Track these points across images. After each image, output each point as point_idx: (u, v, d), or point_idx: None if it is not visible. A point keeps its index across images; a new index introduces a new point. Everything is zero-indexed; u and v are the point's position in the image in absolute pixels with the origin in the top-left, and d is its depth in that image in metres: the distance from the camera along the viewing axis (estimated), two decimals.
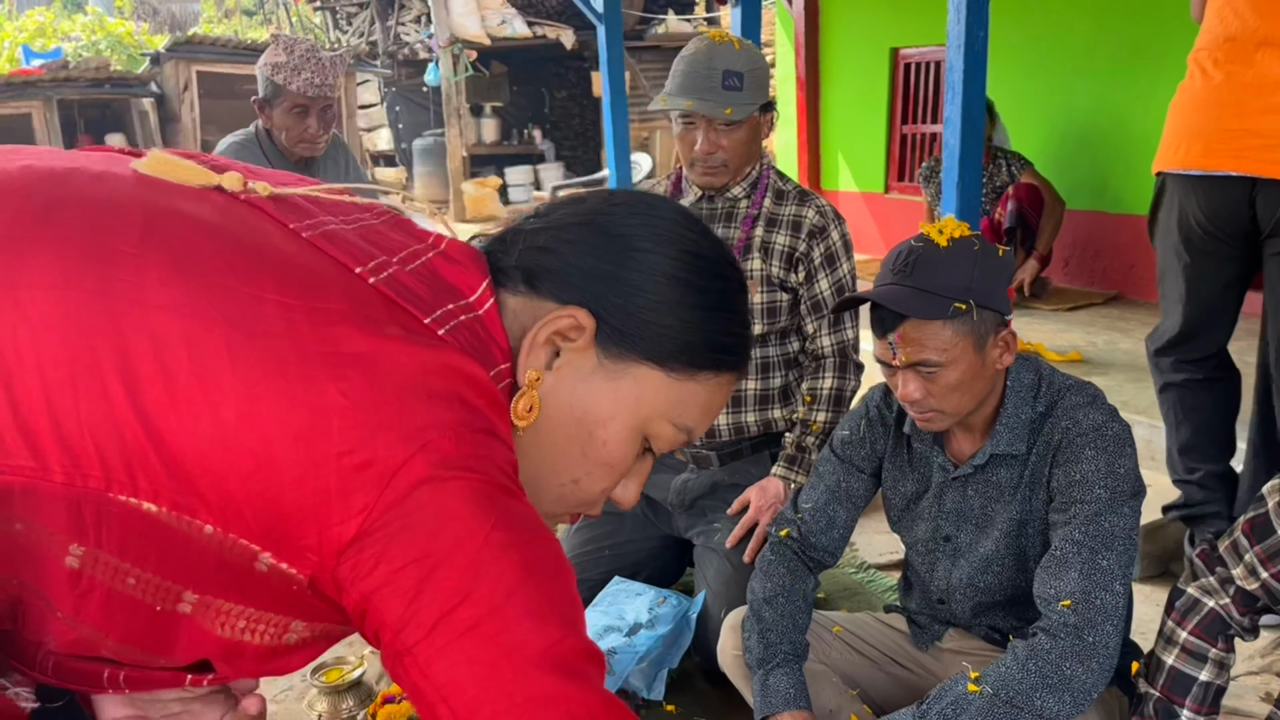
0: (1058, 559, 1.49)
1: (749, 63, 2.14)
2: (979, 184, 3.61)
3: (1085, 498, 1.50)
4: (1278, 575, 1.39)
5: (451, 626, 0.68)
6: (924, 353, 1.50)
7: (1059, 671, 1.43)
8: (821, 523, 1.80)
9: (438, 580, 0.68)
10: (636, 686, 1.98)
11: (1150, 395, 3.15)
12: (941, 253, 1.52)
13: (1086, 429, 1.53)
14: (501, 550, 0.70)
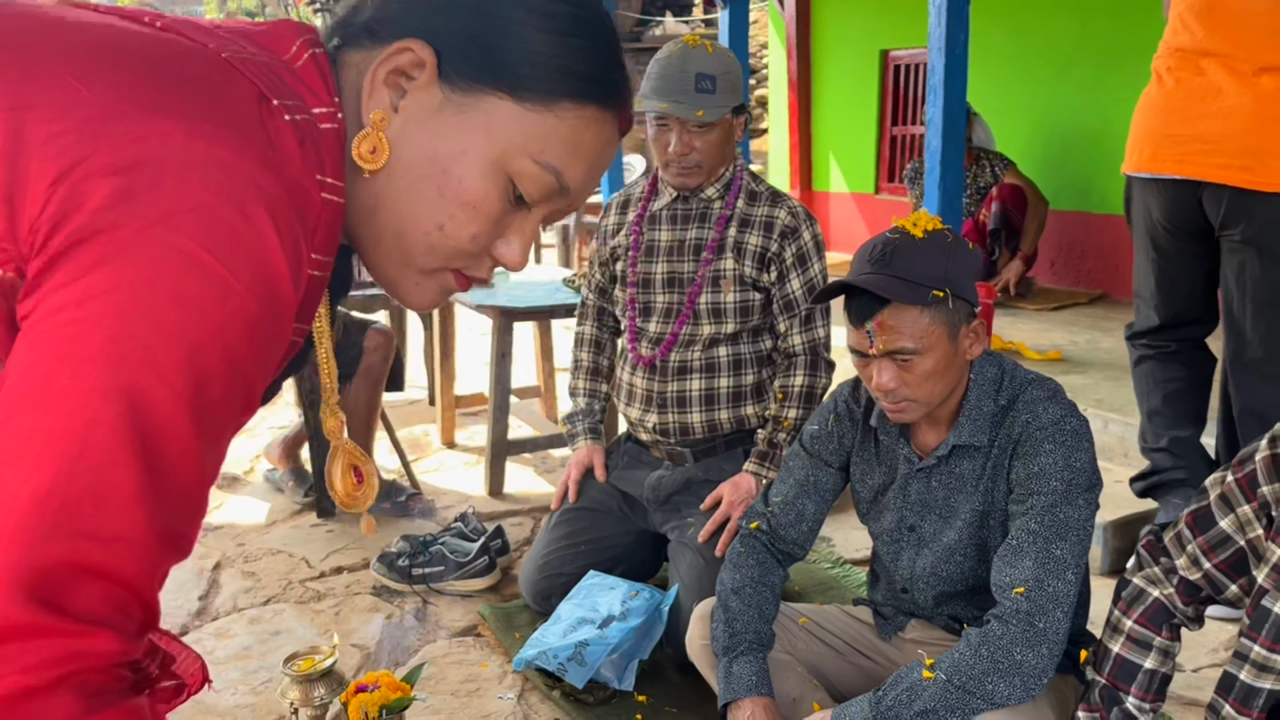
0: (1013, 548, 1.54)
1: (722, 66, 2.18)
2: (960, 184, 3.65)
3: (1042, 489, 1.55)
4: (1220, 566, 1.43)
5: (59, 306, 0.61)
6: (901, 340, 1.55)
7: (1009, 656, 1.47)
8: (791, 516, 1.85)
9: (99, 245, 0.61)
10: (607, 677, 2.02)
11: (1126, 394, 3.19)
12: (918, 243, 1.56)
13: (1046, 423, 1.58)
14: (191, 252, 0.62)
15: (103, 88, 0.64)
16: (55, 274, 0.61)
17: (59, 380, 0.60)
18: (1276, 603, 1.31)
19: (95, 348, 0.60)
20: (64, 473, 0.59)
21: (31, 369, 0.61)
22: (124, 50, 0.68)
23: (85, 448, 0.60)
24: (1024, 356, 3.69)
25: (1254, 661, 1.33)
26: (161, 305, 0.61)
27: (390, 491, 3.15)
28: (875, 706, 1.52)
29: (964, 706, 1.49)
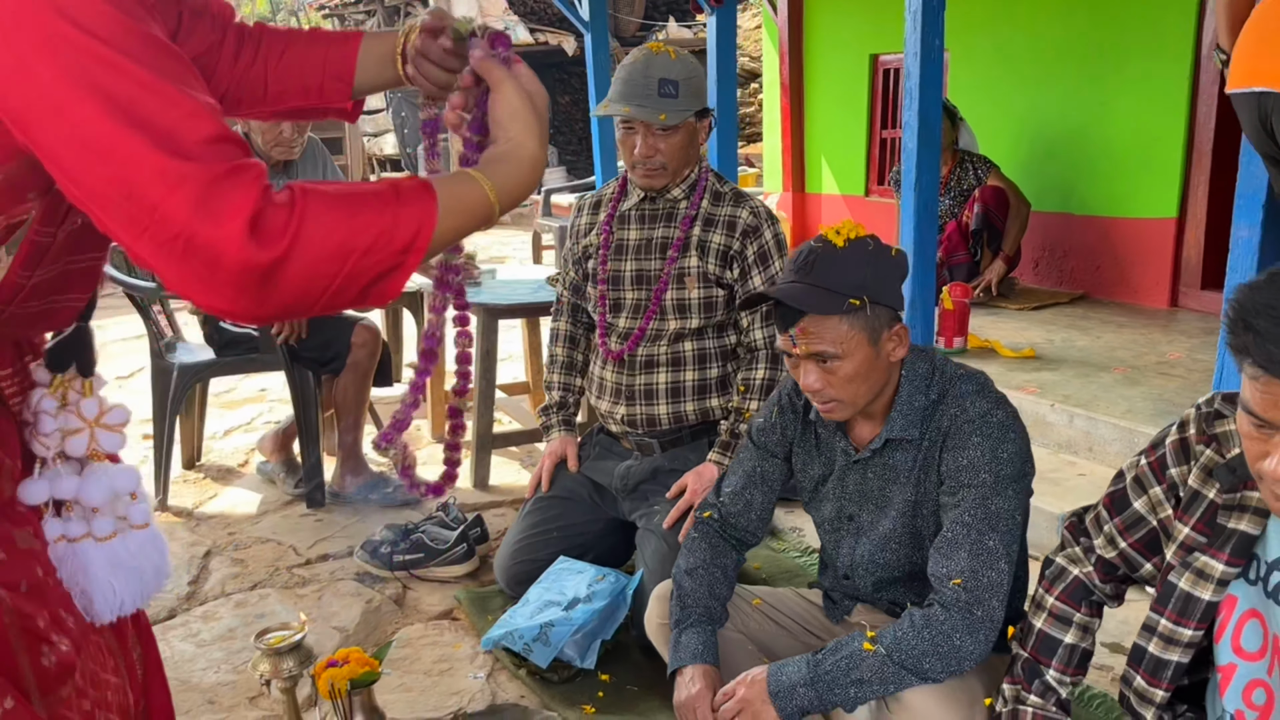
0: (949, 540, 1.62)
1: (684, 71, 2.27)
2: (936, 186, 3.72)
3: (972, 482, 1.63)
4: (1134, 545, 1.51)
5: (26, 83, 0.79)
6: (821, 344, 1.63)
7: (949, 642, 1.56)
8: (740, 505, 1.93)
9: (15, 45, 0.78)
10: (570, 656, 2.11)
11: (1092, 390, 3.27)
12: (838, 252, 1.64)
13: (973, 416, 1.66)
14: None
15: None
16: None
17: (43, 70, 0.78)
18: (1181, 578, 1.38)
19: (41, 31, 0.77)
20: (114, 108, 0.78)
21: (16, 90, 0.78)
22: None
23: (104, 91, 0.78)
24: (999, 354, 3.76)
25: (1161, 634, 1.41)
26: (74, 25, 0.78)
27: (378, 483, 3.25)
28: (814, 669, 1.60)
29: (898, 681, 1.58)
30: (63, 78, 0.78)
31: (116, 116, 0.78)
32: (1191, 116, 4.37)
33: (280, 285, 0.82)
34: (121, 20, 0.80)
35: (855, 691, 1.58)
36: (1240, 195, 2.67)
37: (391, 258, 0.87)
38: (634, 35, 12.67)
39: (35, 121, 0.79)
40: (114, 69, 0.79)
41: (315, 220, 0.83)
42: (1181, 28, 4.33)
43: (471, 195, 0.97)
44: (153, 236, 0.79)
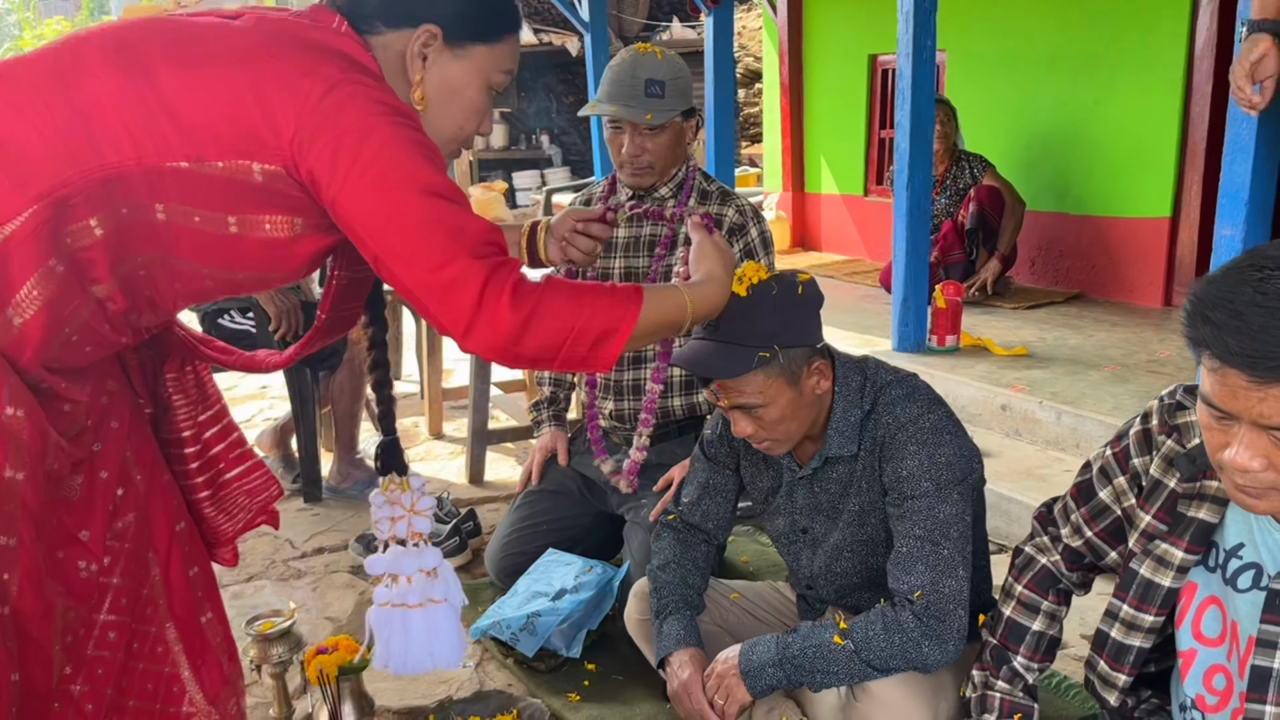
0: (904, 555, 1.64)
1: (671, 72, 2.31)
2: (929, 185, 3.77)
3: (915, 492, 1.64)
4: (1099, 534, 1.54)
5: (357, 177, 1.15)
6: (742, 398, 1.64)
7: (918, 649, 1.60)
8: (697, 515, 1.97)
9: (346, 149, 1.15)
10: (556, 645, 2.15)
11: (1081, 387, 3.30)
12: (742, 303, 1.59)
13: (905, 422, 1.66)
14: (379, 131, 1.17)
15: (291, 58, 1.19)
16: (335, 174, 1.16)
17: (394, 204, 1.17)
18: (1143, 565, 1.42)
19: (399, 185, 1.17)
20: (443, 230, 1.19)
21: (369, 212, 1.17)
22: (295, 35, 1.24)
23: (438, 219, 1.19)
24: (992, 353, 3.80)
25: (1123, 620, 1.44)
26: (391, 157, 1.17)
27: (373, 479, 3.29)
28: (782, 651, 1.64)
29: (864, 676, 1.62)
30: (410, 223, 1.18)
31: (450, 236, 1.18)
32: (1185, 116, 4.40)
33: (527, 340, 1.20)
34: (445, 177, 1.21)
35: (822, 679, 1.62)
36: (1224, 195, 2.70)
37: (601, 332, 1.24)
38: (638, 35, 12.71)
39: (384, 239, 1.19)
40: (444, 212, 1.19)
41: (551, 299, 1.21)
42: (1175, 28, 4.36)
43: (673, 300, 1.37)
44: (450, 307, 1.19)
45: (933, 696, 1.64)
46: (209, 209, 1.19)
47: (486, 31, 1.34)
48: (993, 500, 2.85)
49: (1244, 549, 1.33)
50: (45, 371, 1.19)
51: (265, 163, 1.17)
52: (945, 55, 5.49)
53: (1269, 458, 1.13)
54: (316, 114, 1.16)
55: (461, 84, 1.34)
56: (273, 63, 1.18)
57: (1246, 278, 1.09)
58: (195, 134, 1.15)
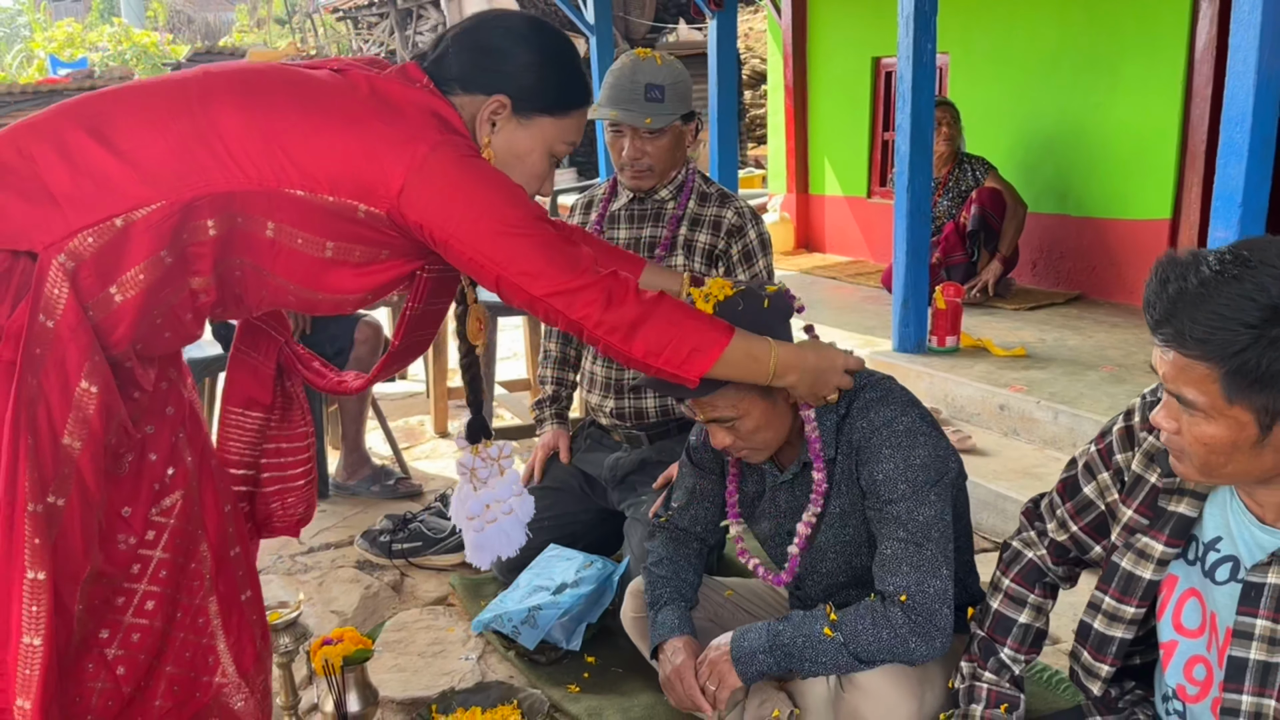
0: (888, 557, 1.67)
1: (670, 76, 2.35)
2: (929, 187, 3.80)
3: (892, 496, 1.67)
4: (1084, 529, 1.58)
5: (473, 221, 1.35)
6: (717, 412, 1.68)
7: (905, 645, 1.63)
8: (686, 519, 2.00)
9: (458, 201, 1.34)
10: (557, 638, 2.19)
11: (1078, 388, 3.34)
12: None
13: (879, 425, 1.69)
14: (480, 180, 1.37)
15: (393, 124, 1.37)
16: (447, 221, 1.35)
17: (513, 232, 1.38)
18: (1124, 558, 1.46)
19: (491, 231, 1.37)
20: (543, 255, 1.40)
21: (480, 252, 1.37)
22: (396, 98, 1.41)
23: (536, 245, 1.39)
24: (991, 353, 3.83)
25: (1105, 611, 1.48)
26: (484, 205, 1.37)
27: (380, 475, 3.34)
28: (772, 639, 1.67)
29: (851, 668, 1.66)
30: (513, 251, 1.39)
31: (549, 260, 1.40)
32: (1185, 119, 4.43)
33: (640, 335, 1.42)
34: (530, 207, 1.42)
35: (810, 668, 1.66)
36: (1218, 197, 2.74)
37: (697, 344, 1.45)
38: (644, 37, 12.75)
39: (502, 269, 1.39)
40: (539, 240, 1.39)
41: (662, 306, 1.44)
42: (1175, 29, 4.39)
43: (760, 350, 1.54)
44: (581, 307, 1.40)
45: (918, 687, 1.67)
46: (312, 233, 1.36)
47: (553, 106, 1.49)
48: (989, 498, 2.89)
49: (1221, 542, 1.37)
50: (132, 352, 1.33)
51: (371, 206, 1.35)
52: (948, 58, 5.52)
53: (1178, 422, 1.24)
54: (424, 171, 1.33)
55: (525, 150, 1.49)
56: (380, 126, 1.35)
57: (1198, 258, 1.19)
58: (309, 171, 1.32)
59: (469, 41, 1.49)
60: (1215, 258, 1.18)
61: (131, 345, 1.32)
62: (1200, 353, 1.17)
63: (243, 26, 18.46)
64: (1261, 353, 1.14)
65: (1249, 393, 1.17)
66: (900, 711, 1.65)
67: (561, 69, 1.51)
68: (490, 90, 1.45)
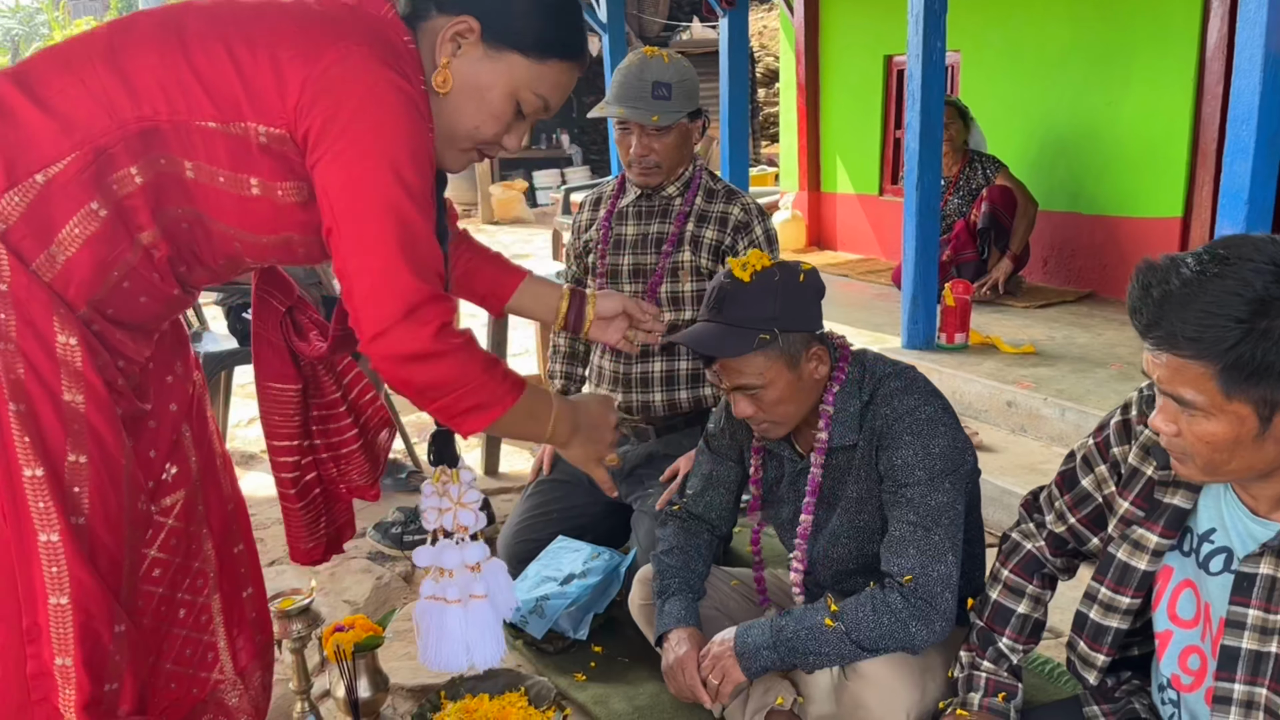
0: (896, 539, 1.71)
1: (677, 75, 2.38)
2: (938, 184, 3.82)
3: (909, 480, 1.70)
4: (1082, 521, 1.60)
5: (342, 148, 1.20)
6: (742, 379, 1.72)
7: (905, 629, 1.66)
8: (700, 506, 2.04)
9: (340, 117, 1.19)
10: (564, 628, 2.23)
11: (1086, 385, 3.35)
12: (745, 288, 1.69)
13: (902, 413, 1.73)
14: (399, 115, 1.21)
15: (316, 29, 1.24)
16: (323, 139, 1.20)
17: (367, 184, 1.21)
18: (1120, 549, 1.48)
19: (377, 168, 1.20)
20: (400, 231, 1.22)
21: (343, 180, 1.21)
22: (337, 11, 1.29)
23: (401, 218, 1.22)
24: (1000, 350, 3.84)
25: (1101, 602, 1.50)
26: (380, 136, 1.21)
27: (391, 469, 3.39)
28: (775, 634, 1.70)
29: (854, 656, 1.69)
30: (379, 205, 1.22)
31: (401, 240, 1.22)
32: (1197, 117, 4.42)
33: (424, 371, 1.25)
34: (425, 186, 1.25)
35: (814, 660, 1.69)
36: (1224, 194, 2.75)
37: (472, 401, 1.30)
38: (658, 35, 12.78)
39: (346, 211, 1.22)
40: (410, 217, 1.23)
41: (463, 352, 1.27)
42: (1186, 27, 4.39)
43: (542, 409, 1.42)
44: (376, 308, 1.23)
45: (920, 676, 1.70)
46: (232, 170, 1.24)
47: (529, 45, 1.33)
48: (995, 494, 2.91)
49: (1215, 534, 1.39)
50: (97, 314, 1.27)
51: (273, 125, 1.22)
52: (959, 56, 5.53)
53: (1178, 424, 1.25)
54: (324, 79, 1.20)
55: (486, 85, 1.33)
56: (295, 34, 1.23)
57: (1177, 262, 1.21)
58: (220, 95, 1.21)
59: None
60: (1194, 259, 1.20)
61: (90, 305, 1.25)
62: (1193, 352, 1.18)
63: None
64: (1254, 345, 1.16)
65: (1246, 386, 1.18)
66: (901, 699, 1.68)
67: (551, 8, 1.35)
68: (459, 9, 1.30)
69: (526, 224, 12.00)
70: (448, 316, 1.27)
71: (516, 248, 9.70)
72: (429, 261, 1.25)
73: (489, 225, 11.97)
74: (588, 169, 13.43)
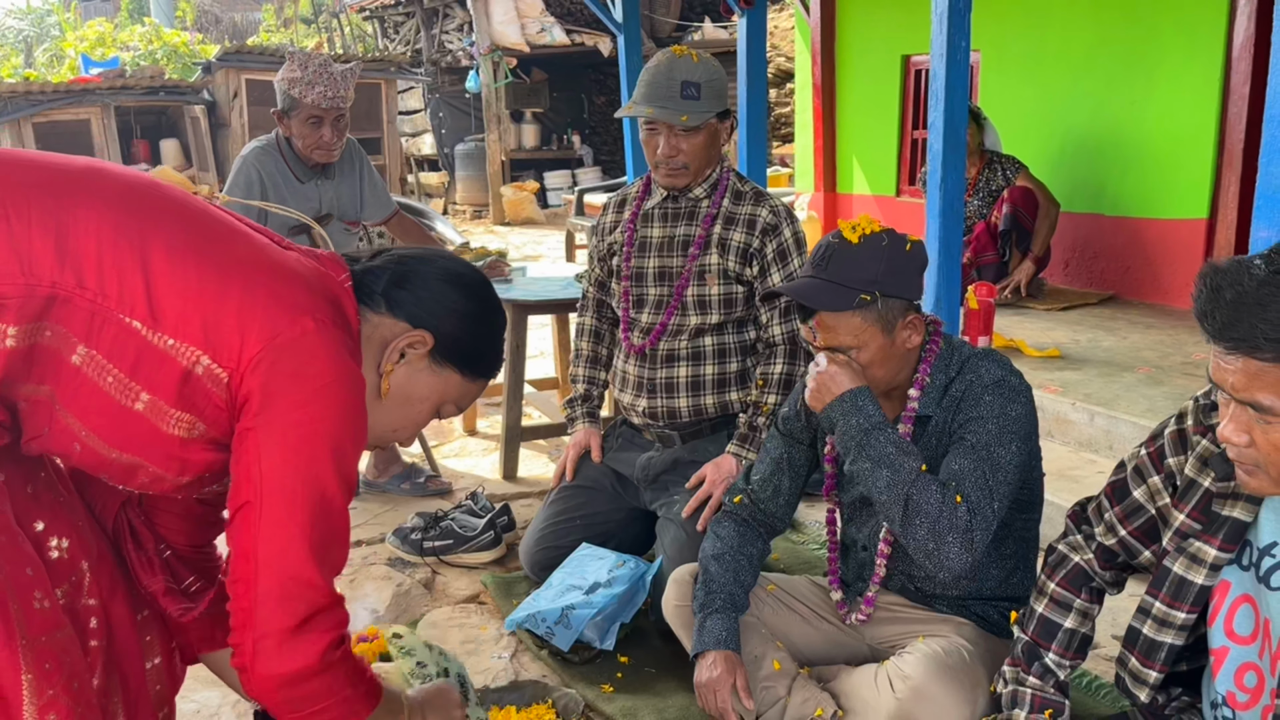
0: (955, 471, 1.69)
1: (706, 74, 2.34)
2: (962, 186, 3.76)
3: (980, 430, 1.72)
4: (1133, 533, 1.56)
5: (286, 427, 1.16)
6: (837, 337, 1.72)
7: (944, 537, 1.63)
8: (768, 490, 2.01)
9: (291, 394, 1.15)
10: (590, 637, 2.18)
11: (1114, 389, 3.29)
12: (852, 249, 1.73)
13: (987, 382, 1.75)
14: (346, 402, 1.19)
15: (293, 287, 1.22)
16: (270, 407, 1.15)
17: (306, 470, 1.17)
18: (1176, 563, 1.43)
19: (303, 454, 1.16)
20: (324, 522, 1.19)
21: (280, 459, 1.16)
22: (302, 270, 1.26)
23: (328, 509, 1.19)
24: (1024, 354, 3.79)
25: (1155, 617, 1.45)
26: (330, 422, 1.18)
27: (410, 473, 3.35)
28: (874, 421, 1.71)
29: (891, 506, 1.68)
30: (309, 491, 1.17)
31: (322, 534, 1.19)
32: (1223, 117, 4.36)
33: (294, 690, 1.20)
34: (355, 478, 1.25)
35: (871, 476, 1.70)
36: (1260, 196, 2.69)
37: (331, 715, 1.24)
38: (670, 35, 12.74)
39: (274, 491, 1.17)
40: (336, 507, 1.21)
41: (338, 665, 1.22)
42: (1213, 28, 4.33)
43: (398, 709, 1.39)
44: (274, 607, 1.17)
45: (971, 692, 1.67)
46: (129, 375, 1.15)
47: (469, 365, 1.35)
48: None
49: (1277, 548, 1.34)
50: None
51: (215, 362, 1.16)
52: (979, 56, 5.47)
53: (1251, 434, 1.20)
54: (290, 348, 1.17)
55: (421, 396, 1.35)
56: (272, 284, 1.20)
57: (1245, 264, 1.17)
58: (161, 302, 1.14)
59: (414, 267, 1.35)
60: (1264, 260, 1.17)
61: None
62: (1275, 354, 1.14)
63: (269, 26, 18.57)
64: None
65: None
66: (954, 715, 1.64)
67: (491, 332, 1.39)
68: (417, 323, 1.31)
69: (538, 225, 11.98)
70: (342, 629, 1.23)
71: (528, 248, 9.68)
72: (337, 560, 1.23)
73: (500, 226, 11.95)
74: (599, 170, 13.40)
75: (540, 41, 12.51)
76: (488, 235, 11.06)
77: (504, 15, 12.28)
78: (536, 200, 12.44)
